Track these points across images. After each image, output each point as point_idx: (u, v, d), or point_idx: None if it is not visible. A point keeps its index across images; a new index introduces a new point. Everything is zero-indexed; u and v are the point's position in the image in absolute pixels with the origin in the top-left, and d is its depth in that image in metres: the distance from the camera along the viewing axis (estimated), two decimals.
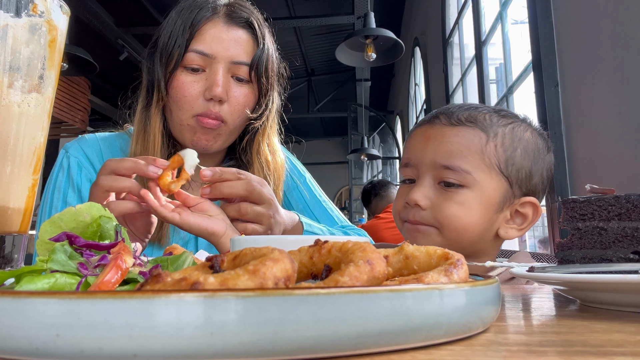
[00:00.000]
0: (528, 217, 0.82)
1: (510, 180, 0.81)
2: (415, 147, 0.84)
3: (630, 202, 0.54)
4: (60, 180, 0.94)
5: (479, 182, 0.79)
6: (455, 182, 0.79)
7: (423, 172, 0.81)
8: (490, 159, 0.80)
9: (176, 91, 0.91)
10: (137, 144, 0.94)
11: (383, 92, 9.02)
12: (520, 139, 0.82)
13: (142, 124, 0.95)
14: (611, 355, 0.26)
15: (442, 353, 0.27)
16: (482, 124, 0.82)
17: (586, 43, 1.85)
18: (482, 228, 0.81)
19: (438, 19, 4.64)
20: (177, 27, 0.91)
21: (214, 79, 0.90)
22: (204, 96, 0.90)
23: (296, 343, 0.23)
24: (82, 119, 5.57)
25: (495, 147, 0.80)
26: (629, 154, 1.56)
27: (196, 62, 0.90)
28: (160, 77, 0.92)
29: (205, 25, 0.91)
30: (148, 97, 0.96)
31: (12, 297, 0.23)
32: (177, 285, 0.25)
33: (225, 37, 0.92)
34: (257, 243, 0.45)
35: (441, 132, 0.82)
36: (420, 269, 0.37)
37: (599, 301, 0.45)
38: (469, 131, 0.81)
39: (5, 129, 0.42)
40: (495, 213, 0.81)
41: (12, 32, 0.42)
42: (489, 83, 3.39)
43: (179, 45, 0.90)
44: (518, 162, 0.81)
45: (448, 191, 0.79)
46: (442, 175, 0.79)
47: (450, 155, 0.79)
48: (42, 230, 0.38)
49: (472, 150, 0.80)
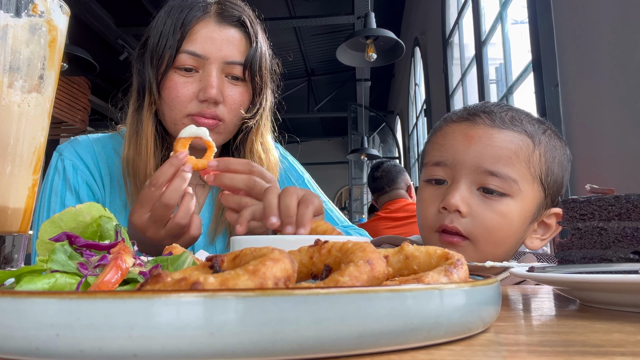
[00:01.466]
0: (552, 227, 0.79)
1: (546, 191, 0.77)
2: (455, 146, 0.77)
3: (630, 202, 0.54)
4: (56, 184, 0.93)
5: (522, 193, 0.74)
6: (498, 190, 0.73)
7: (462, 175, 0.75)
8: (534, 168, 0.75)
9: (168, 92, 0.89)
10: (129, 149, 0.93)
11: (383, 92, 9.02)
12: (556, 147, 0.79)
13: (134, 127, 0.94)
14: (611, 355, 0.26)
15: (442, 353, 0.27)
16: (528, 129, 0.77)
17: (586, 43, 1.85)
18: (518, 240, 0.77)
19: (438, 19, 4.64)
20: (167, 28, 0.89)
21: (207, 81, 0.88)
22: (197, 97, 0.89)
23: (296, 343, 0.23)
24: (82, 119, 5.57)
25: (540, 156, 0.76)
26: (629, 154, 1.56)
27: (188, 62, 0.89)
28: (151, 79, 0.90)
29: (197, 25, 0.90)
30: (139, 100, 0.94)
31: (12, 297, 0.23)
32: (177, 285, 0.25)
33: (217, 36, 0.90)
34: (257, 243, 0.45)
35: (487, 134, 0.75)
36: (420, 269, 0.37)
37: (599, 301, 0.45)
38: (516, 136, 0.75)
39: (5, 129, 0.42)
40: (529, 224, 0.77)
41: (12, 32, 0.42)
42: (489, 83, 3.39)
43: (169, 46, 0.88)
44: (556, 172, 0.78)
45: (489, 199, 0.73)
46: (484, 181, 0.73)
47: (499, 160, 0.73)
48: (42, 230, 0.38)
49: (520, 157, 0.74)
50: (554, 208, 0.79)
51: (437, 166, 0.78)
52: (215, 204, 1.01)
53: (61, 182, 0.93)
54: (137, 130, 0.93)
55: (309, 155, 9.74)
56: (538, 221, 0.79)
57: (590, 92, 1.83)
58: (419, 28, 5.74)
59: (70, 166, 0.94)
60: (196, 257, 0.42)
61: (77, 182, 0.94)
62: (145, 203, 0.73)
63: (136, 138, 0.93)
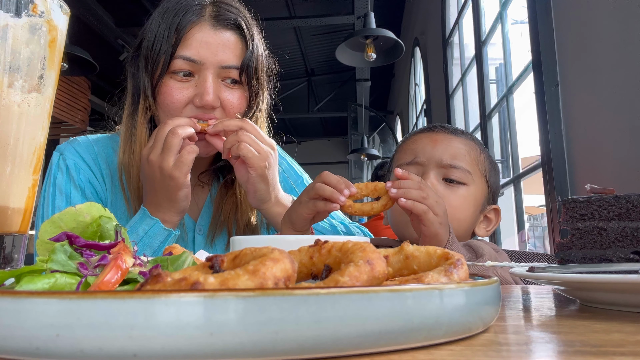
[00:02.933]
0: (492, 221, 1.02)
1: (489, 188, 1.00)
2: (424, 148, 0.97)
3: (630, 202, 0.54)
4: (60, 182, 0.93)
5: (475, 183, 0.96)
6: (457, 180, 0.94)
7: (430, 169, 0.94)
8: (481, 166, 0.98)
9: (164, 97, 0.88)
10: (124, 154, 0.92)
11: (383, 92, 9.02)
12: (491, 159, 1.03)
13: (129, 132, 0.93)
14: (611, 355, 0.26)
15: (442, 353, 0.27)
16: (474, 139, 1.02)
17: (586, 43, 1.85)
18: (472, 223, 0.98)
19: (438, 19, 4.63)
20: (161, 31, 0.88)
21: (203, 87, 0.87)
22: (193, 103, 0.88)
23: (296, 343, 0.23)
24: (82, 119, 5.57)
25: (484, 159, 1.00)
26: (629, 154, 1.56)
27: (184, 68, 0.88)
28: (146, 84, 0.90)
29: (192, 29, 0.88)
30: (134, 104, 0.94)
31: (12, 297, 0.23)
32: (177, 285, 0.25)
33: (212, 41, 0.88)
34: (257, 243, 0.45)
35: (447, 138, 0.98)
36: (420, 269, 0.37)
37: (599, 301, 0.45)
38: (468, 142, 0.99)
39: (5, 129, 0.42)
40: (479, 213, 0.99)
41: (12, 32, 0.42)
42: (489, 83, 3.39)
43: (164, 51, 0.87)
44: (494, 175, 1.02)
45: (452, 186, 0.94)
46: (447, 173, 0.94)
47: (457, 157, 0.95)
48: (42, 230, 0.38)
49: (471, 156, 0.97)
50: (494, 205, 1.02)
51: (409, 165, 0.97)
52: (214, 205, 1.01)
53: (65, 180, 0.93)
54: (131, 136, 0.93)
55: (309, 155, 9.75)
56: (483, 214, 1.00)
57: (590, 92, 1.83)
58: (419, 28, 5.74)
59: (73, 165, 0.94)
60: (196, 257, 0.42)
61: (81, 180, 0.93)
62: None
63: (130, 144, 0.92)
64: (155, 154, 0.83)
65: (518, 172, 2.97)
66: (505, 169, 3.25)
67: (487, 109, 3.29)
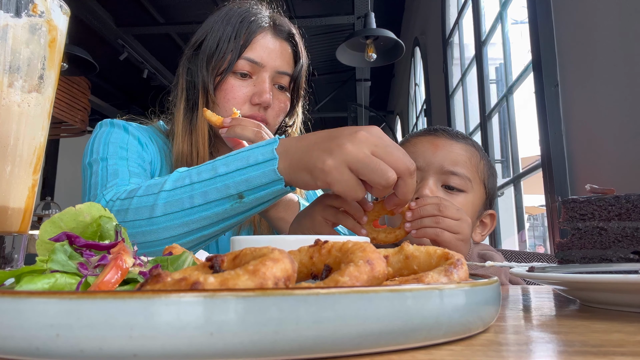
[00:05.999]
0: (487, 225, 0.99)
1: (487, 194, 0.98)
2: (424, 152, 0.94)
3: (630, 202, 0.54)
4: (117, 136, 0.93)
5: (474, 190, 0.93)
6: (456, 187, 0.91)
7: (429, 175, 0.91)
8: (481, 173, 0.96)
9: (224, 94, 0.97)
10: (184, 143, 0.98)
11: (383, 92, 9.01)
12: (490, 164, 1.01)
13: (188, 124, 0.99)
14: (611, 355, 0.26)
15: (442, 353, 0.27)
16: (475, 144, 0.99)
17: (586, 43, 1.85)
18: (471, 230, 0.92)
19: (438, 19, 4.63)
20: (226, 34, 0.97)
21: (262, 87, 0.97)
22: (250, 101, 0.97)
23: (296, 343, 0.23)
24: (82, 119, 5.56)
25: (484, 165, 0.97)
26: (629, 154, 1.56)
27: (245, 68, 0.97)
28: (206, 80, 0.97)
29: (258, 35, 0.99)
30: (191, 98, 1.00)
31: (12, 297, 0.23)
32: (177, 285, 0.25)
33: (273, 47, 1.00)
34: (257, 243, 0.45)
35: (448, 143, 0.95)
36: (420, 269, 0.37)
37: (599, 301, 0.45)
38: (469, 147, 0.96)
39: (5, 129, 0.42)
40: (477, 219, 0.96)
41: (12, 32, 0.42)
42: (489, 83, 3.39)
43: (231, 50, 0.96)
44: (492, 181, 0.99)
45: (451, 193, 0.91)
46: (446, 180, 0.91)
47: (457, 163, 0.92)
48: (42, 230, 0.38)
49: (472, 162, 0.94)
50: (490, 210, 0.99)
51: None
52: None
53: (123, 133, 0.95)
54: (191, 128, 0.99)
55: None
56: (479, 219, 0.97)
57: (590, 92, 1.83)
58: (419, 28, 5.74)
59: (129, 125, 0.99)
60: (196, 257, 0.42)
61: (142, 134, 0.98)
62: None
63: (190, 135, 0.99)
64: None
65: (518, 172, 2.97)
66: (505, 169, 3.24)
67: (487, 109, 3.29)
